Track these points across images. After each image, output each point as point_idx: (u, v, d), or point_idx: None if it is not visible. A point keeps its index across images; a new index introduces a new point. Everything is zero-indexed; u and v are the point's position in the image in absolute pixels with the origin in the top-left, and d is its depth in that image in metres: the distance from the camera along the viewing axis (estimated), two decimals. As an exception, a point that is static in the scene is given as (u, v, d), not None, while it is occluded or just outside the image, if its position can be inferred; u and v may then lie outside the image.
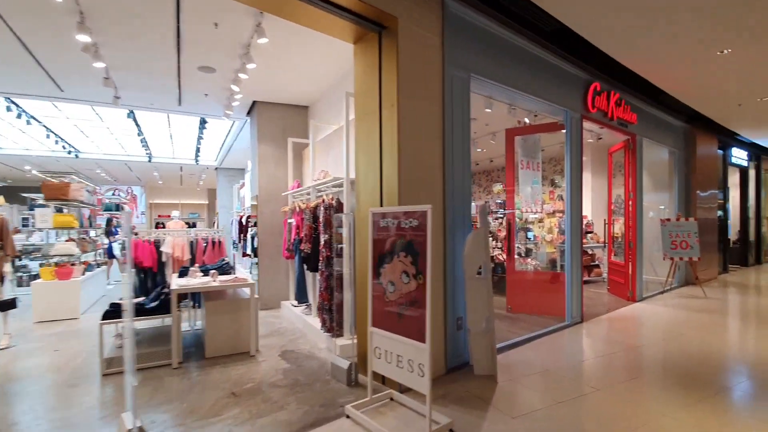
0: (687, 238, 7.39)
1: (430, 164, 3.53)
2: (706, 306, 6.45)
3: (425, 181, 3.48)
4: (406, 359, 2.64)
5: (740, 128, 9.08)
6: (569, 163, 5.40)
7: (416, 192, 3.38)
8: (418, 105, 3.40)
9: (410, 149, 3.33)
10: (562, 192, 11.76)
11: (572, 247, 5.39)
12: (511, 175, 6.16)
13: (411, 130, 3.34)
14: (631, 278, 6.81)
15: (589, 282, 9.05)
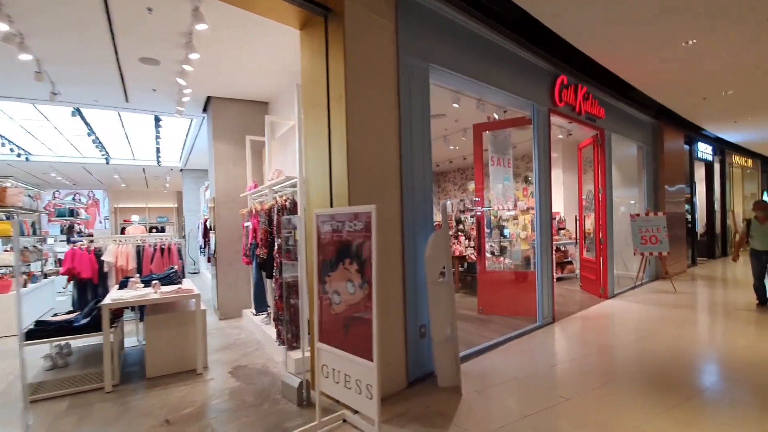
0: (656, 233, 7.38)
1: (384, 160, 3.25)
2: (676, 301, 6.41)
3: (379, 178, 3.20)
4: (354, 379, 2.35)
5: (705, 123, 9.19)
6: (537, 158, 5.22)
7: (369, 191, 3.10)
8: (369, 96, 3.12)
9: (361, 144, 3.04)
10: (535, 189, 11.74)
11: (542, 244, 5.23)
12: (480, 172, 5.97)
13: (362, 123, 3.05)
14: (603, 275, 6.73)
15: (563, 279, 9.00)
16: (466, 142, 9.73)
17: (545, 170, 5.31)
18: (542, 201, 5.25)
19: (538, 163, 5.22)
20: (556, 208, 11.06)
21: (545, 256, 5.26)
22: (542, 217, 5.23)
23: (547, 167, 5.36)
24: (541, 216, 5.22)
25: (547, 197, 5.33)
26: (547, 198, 5.33)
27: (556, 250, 8.92)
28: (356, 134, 2.99)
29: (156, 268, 4.97)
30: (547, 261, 5.28)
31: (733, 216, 12.86)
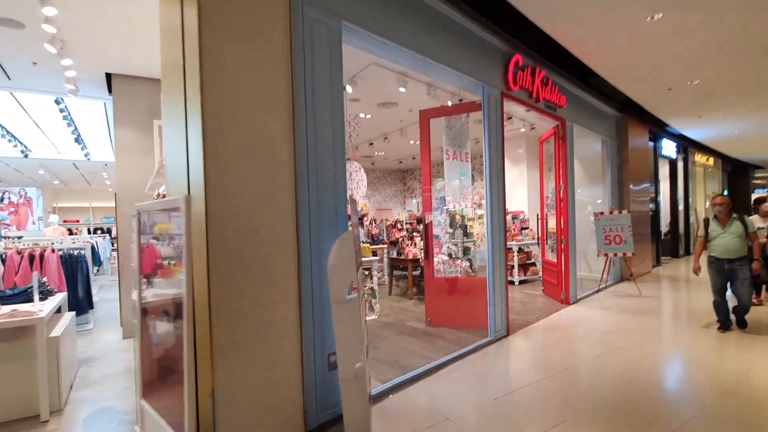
0: (621, 233, 6.90)
1: (268, 141, 2.45)
2: (641, 306, 5.91)
3: (259, 164, 2.40)
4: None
5: (670, 117, 8.85)
6: (488, 147, 4.55)
7: (241, 179, 2.29)
8: (243, 55, 2.31)
9: (227, 118, 2.23)
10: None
11: (494, 247, 4.56)
12: (428, 164, 5.26)
13: (229, 91, 2.24)
14: (565, 279, 6.16)
15: (526, 282, 8.45)
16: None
17: (497, 161, 4.65)
18: (494, 196, 4.58)
19: (489, 153, 4.55)
20: (521, 207, 10.57)
21: (498, 260, 4.60)
22: (494, 214, 4.57)
23: (500, 158, 4.70)
24: (493, 213, 4.55)
25: (500, 192, 4.67)
26: (500, 193, 4.67)
27: (519, 251, 8.36)
28: (219, 105, 2.18)
29: (21, 281, 4.00)
30: (500, 266, 4.63)
31: (696, 214, 12.76)
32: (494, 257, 4.55)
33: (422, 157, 5.22)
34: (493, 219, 4.55)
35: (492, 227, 4.54)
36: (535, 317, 5.45)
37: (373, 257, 5.83)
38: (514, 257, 8.20)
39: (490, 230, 4.53)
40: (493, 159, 4.59)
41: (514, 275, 8.26)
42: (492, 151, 4.58)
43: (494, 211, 4.57)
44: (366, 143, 10.23)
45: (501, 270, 4.63)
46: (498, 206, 4.63)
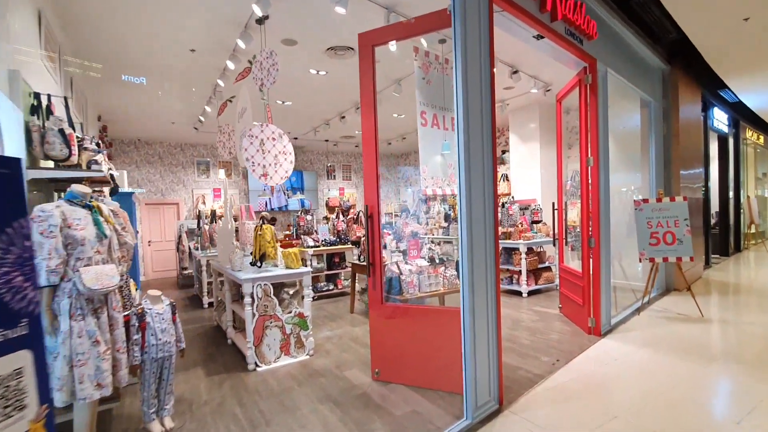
0: (674, 228, 4.84)
1: None
2: (714, 340, 3.89)
3: None
4: None
5: (733, 72, 6.63)
6: (461, 85, 2.56)
7: None
8: None
9: None
10: (508, 171, 9.11)
11: (473, 256, 2.61)
12: (372, 121, 3.27)
13: None
14: (594, 297, 4.16)
15: (538, 292, 6.45)
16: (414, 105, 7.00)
17: (480, 111, 2.66)
18: (472, 171, 2.61)
19: (463, 96, 2.57)
20: (533, 194, 8.51)
21: (482, 278, 2.65)
22: (472, 201, 2.60)
23: (486, 107, 2.71)
24: (469, 196, 2.58)
25: (481, 157, 2.69)
26: (482, 160, 2.70)
27: (529, 253, 6.35)
28: None
29: None
30: (486, 288, 2.68)
31: (748, 202, 10.47)
32: (474, 274, 2.60)
33: (363, 111, 3.25)
34: (471, 209, 2.59)
35: (469, 223, 2.58)
36: (546, 364, 3.48)
37: (303, 269, 3.93)
38: (522, 261, 6.20)
39: (466, 228, 2.57)
40: (473, 108, 2.61)
41: (521, 284, 6.27)
42: (470, 94, 2.59)
43: (472, 195, 2.61)
44: (337, 117, 8.28)
45: (487, 295, 2.69)
46: (479, 182, 2.66)
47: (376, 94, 3.23)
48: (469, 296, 2.56)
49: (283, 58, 5.18)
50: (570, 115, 8.21)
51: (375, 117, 3.20)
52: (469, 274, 2.56)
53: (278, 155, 3.77)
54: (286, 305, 3.94)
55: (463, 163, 2.55)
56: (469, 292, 2.56)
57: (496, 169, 2.77)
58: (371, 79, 3.21)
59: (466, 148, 2.56)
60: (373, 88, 3.20)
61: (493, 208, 2.74)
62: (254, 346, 3.64)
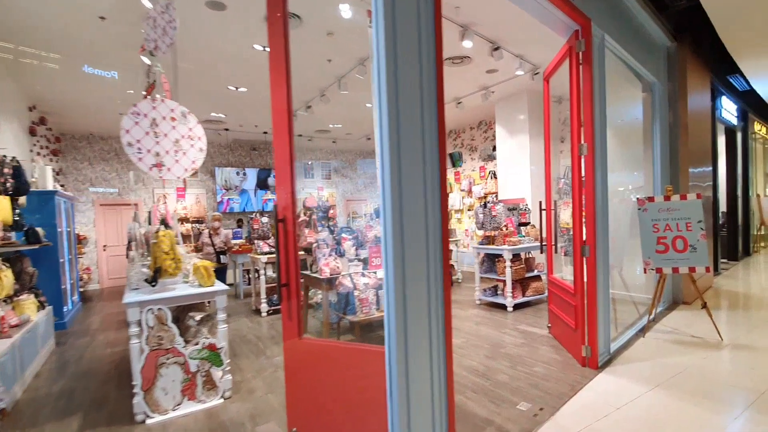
0: (685, 232, 3.99)
1: None
2: (741, 378, 3.04)
3: None
4: None
5: (747, 51, 5.77)
6: (379, 32, 1.70)
7: None
8: None
9: None
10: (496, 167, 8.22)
11: (395, 277, 1.74)
12: (282, 88, 2.38)
13: None
14: (588, 318, 3.31)
15: (527, 305, 5.60)
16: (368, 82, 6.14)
17: (423, 67, 1.80)
18: (403, 158, 1.75)
19: (385, 47, 1.70)
20: (522, 193, 7.67)
21: (413, 309, 1.79)
22: (396, 202, 1.73)
23: (429, 63, 1.85)
24: (392, 200, 1.72)
25: (431, 148, 1.83)
26: (431, 150, 1.84)
27: (514, 260, 5.50)
28: None
29: None
30: (427, 322, 1.82)
31: (758, 201, 9.66)
32: (406, 304, 1.74)
33: (272, 79, 2.37)
34: (392, 209, 1.72)
35: (392, 230, 1.71)
36: (525, 416, 2.62)
37: (217, 287, 3.07)
38: (506, 269, 5.35)
39: (389, 236, 1.71)
40: (404, 73, 1.75)
41: (505, 296, 5.42)
42: (398, 46, 1.73)
43: (403, 193, 1.74)
44: (302, 106, 7.41)
45: (430, 329, 1.83)
46: (421, 183, 1.80)
47: (288, 56, 2.36)
48: (394, 331, 1.70)
49: (214, 27, 4.31)
50: (563, 105, 7.36)
51: (288, 88, 2.33)
52: (398, 297, 1.70)
53: (180, 140, 2.90)
54: (193, 335, 3.06)
55: (383, 148, 1.69)
56: (392, 324, 1.70)
57: (443, 155, 1.91)
58: (282, 35, 2.33)
59: (393, 135, 1.70)
60: (285, 47, 2.33)
61: (439, 211, 1.87)
62: (143, 391, 2.77)
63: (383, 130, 1.70)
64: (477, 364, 3.55)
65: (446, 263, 1.91)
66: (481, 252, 5.88)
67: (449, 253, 1.94)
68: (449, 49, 5.11)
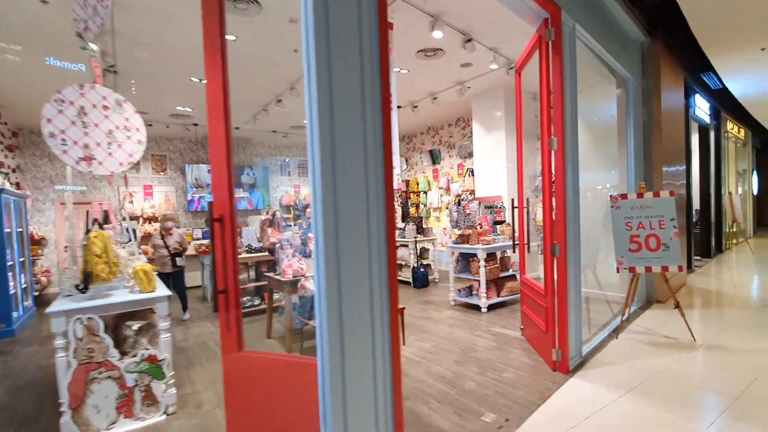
0: (658, 230, 3.90)
1: None
2: (714, 382, 2.93)
3: None
4: None
5: (720, 48, 5.76)
6: None
7: None
8: None
9: None
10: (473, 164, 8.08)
11: (327, 280, 1.54)
12: (217, 71, 2.13)
13: None
14: (559, 323, 3.16)
15: (502, 305, 5.46)
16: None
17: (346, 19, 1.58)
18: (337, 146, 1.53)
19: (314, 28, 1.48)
20: (499, 191, 7.55)
21: (355, 317, 1.58)
22: (329, 194, 1.52)
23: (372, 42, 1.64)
24: (324, 200, 1.50)
25: (375, 132, 1.62)
26: (375, 135, 1.63)
27: (488, 259, 5.36)
28: None
29: None
30: (370, 333, 1.61)
31: (730, 199, 9.80)
32: (342, 311, 1.53)
33: (207, 61, 2.12)
34: (326, 203, 1.50)
35: (324, 225, 1.50)
36: (491, 428, 2.44)
37: (158, 293, 2.80)
38: (480, 269, 5.20)
39: (318, 235, 1.50)
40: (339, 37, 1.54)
41: (480, 297, 5.27)
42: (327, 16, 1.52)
43: (338, 184, 1.53)
44: (273, 100, 7.13)
45: (373, 340, 1.63)
46: (362, 170, 1.59)
47: (224, 39, 2.12)
48: (332, 345, 1.49)
49: (174, 13, 4.01)
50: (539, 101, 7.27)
51: (222, 71, 2.08)
52: (331, 307, 1.49)
53: (114, 131, 2.62)
54: (131, 346, 2.79)
55: (313, 133, 1.48)
56: (325, 337, 1.49)
57: (388, 139, 1.71)
58: (216, 13, 2.09)
59: (324, 117, 1.48)
60: (220, 22, 2.09)
61: (384, 195, 1.67)
62: (71, 410, 2.49)
63: (312, 102, 1.49)
64: (445, 371, 3.37)
65: (392, 265, 1.70)
66: (455, 251, 5.72)
67: (395, 252, 1.73)
68: (421, 41, 4.92)
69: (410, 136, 11.02)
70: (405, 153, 11.26)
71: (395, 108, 3.65)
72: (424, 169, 10.48)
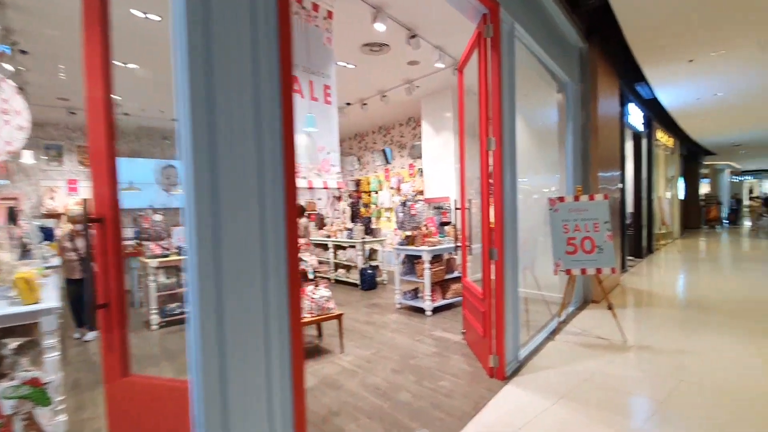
0: (593, 233, 3.96)
1: None
2: (640, 385, 2.97)
3: None
4: None
5: (653, 56, 6.04)
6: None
7: None
8: None
9: None
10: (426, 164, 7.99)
11: (200, 281, 1.29)
12: (96, 44, 1.81)
13: None
14: (496, 328, 3.08)
15: (446, 308, 5.39)
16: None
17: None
18: (210, 109, 1.29)
19: None
20: (448, 192, 7.54)
21: (242, 327, 1.34)
22: (205, 181, 1.28)
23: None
24: (196, 193, 1.26)
25: (252, 111, 1.39)
26: (252, 113, 1.39)
27: (434, 261, 5.27)
28: None
29: None
30: (255, 347, 1.38)
31: (659, 203, 10.47)
32: (223, 319, 1.29)
33: (85, 33, 1.80)
34: (201, 193, 1.26)
35: (197, 222, 1.25)
36: (421, 444, 2.29)
37: (42, 305, 2.39)
38: (425, 271, 5.10)
39: (190, 239, 1.25)
40: None
41: (424, 300, 5.17)
42: None
43: (221, 166, 1.29)
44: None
45: (261, 352, 1.39)
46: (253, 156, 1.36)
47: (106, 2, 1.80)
48: (206, 362, 1.25)
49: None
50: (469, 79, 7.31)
51: (103, 45, 1.76)
52: (204, 325, 1.25)
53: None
54: (9, 367, 2.36)
55: (183, 114, 1.23)
56: (205, 357, 1.25)
57: (288, 125, 1.49)
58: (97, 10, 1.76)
59: (198, 100, 1.23)
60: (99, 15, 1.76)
61: (283, 203, 1.45)
62: None
63: (181, 76, 1.23)
64: (381, 381, 3.19)
65: (294, 265, 1.48)
66: (401, 253, 5.59)
67: (297, 250, 1.51)
68: (365, 35, 4.73)
69: (362, 135, 10.82)
70: (357, 152, 11.06)
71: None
72: (375, 169, 10.33)
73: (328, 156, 3.77)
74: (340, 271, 7.82)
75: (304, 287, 3.80)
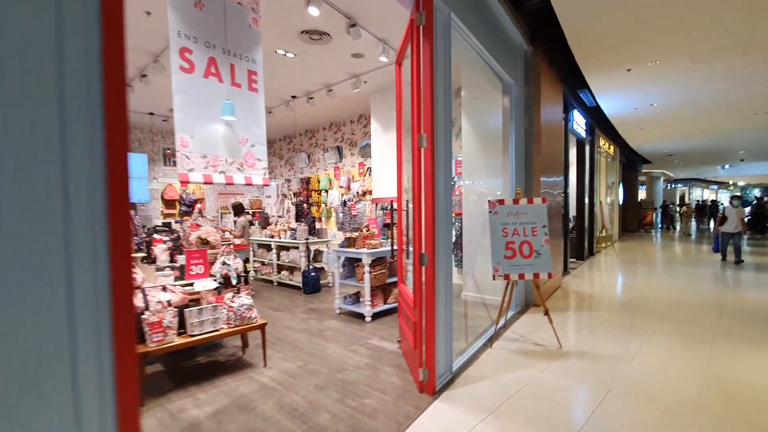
0: (531, 237, 3.86)
1: None
2: (570, 396, 2.86)
3: None
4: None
5: (594, 62, 6.12)
6: None
7: None
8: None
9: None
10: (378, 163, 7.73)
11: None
12: None
13: None
14: (426, 339, 2.86)
15: (387, 314, 5.15)
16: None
17: None
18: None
19: None
20: (395, 192, 7.32)
21: (36, 369, 0.98)
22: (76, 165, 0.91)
23: None
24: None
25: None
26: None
27: (374, 264, 5.02)
28: None
29: None
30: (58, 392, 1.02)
31: (600, 208, 10.88)
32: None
33: None
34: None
35: None
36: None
37: None
38: (365, 275, 4.83)
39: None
40: None
41: (364, 305, 4.90)
42: None
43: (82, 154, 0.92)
44: (137, 76, 6.03)
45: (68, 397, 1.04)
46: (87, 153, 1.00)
47: None
48: None
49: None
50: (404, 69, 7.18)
51: None
52: None
53: None
54: None
55: None
56: None
57: (124, 135, 1.15)
58: None
59: None
60: None
61: (104, 198, 1.11)
62: None
63: None
64: (301, 400, 2.87)
65: (121, 278, 1.14)
66: (341, 255, 5.29)
67: (131, 267, 1.18)
68: (301, 20, 4.39)
69: (312, 131, 10.42)
70: (307, 149, 10.63)
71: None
72: (326, 167, 9.97)
73: (252, 149, 3.41)
74: (283, 273, 7.40)
75: (222, 295, 3.40)
